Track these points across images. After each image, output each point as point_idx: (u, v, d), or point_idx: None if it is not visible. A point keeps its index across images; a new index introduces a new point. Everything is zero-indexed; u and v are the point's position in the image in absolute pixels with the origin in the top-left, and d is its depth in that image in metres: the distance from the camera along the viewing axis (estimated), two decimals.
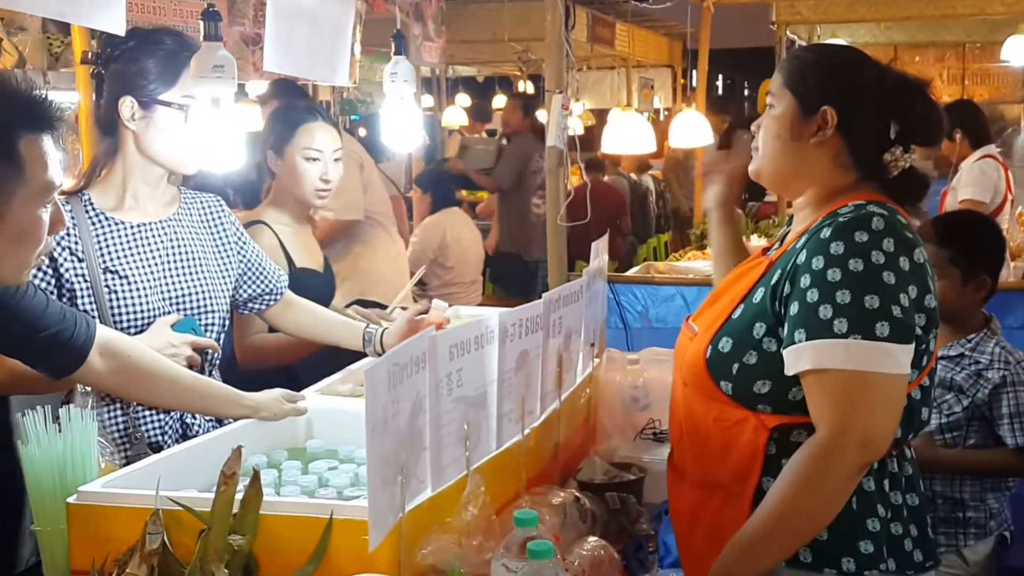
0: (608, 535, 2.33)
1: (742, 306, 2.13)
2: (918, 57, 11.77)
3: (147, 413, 2.48)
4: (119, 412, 2.44)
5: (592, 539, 2.21)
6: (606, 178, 9.19)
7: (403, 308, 3.16)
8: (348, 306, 3.24)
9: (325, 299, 3.27)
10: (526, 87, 15.56)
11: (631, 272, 5.49)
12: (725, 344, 2.10)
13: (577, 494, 2.33)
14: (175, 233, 2.60)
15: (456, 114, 12.03)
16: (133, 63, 2.47)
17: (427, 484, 1.87)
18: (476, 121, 11.73)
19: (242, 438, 2.28)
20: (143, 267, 2.51)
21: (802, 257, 2.02)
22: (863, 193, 2.11)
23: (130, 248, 2.51)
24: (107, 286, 2.44)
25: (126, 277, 2.47)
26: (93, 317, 2.29)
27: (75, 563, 1.88)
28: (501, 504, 2.14)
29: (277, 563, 1.77)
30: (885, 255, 1.96)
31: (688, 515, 2.21)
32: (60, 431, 1.97)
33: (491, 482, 2.03)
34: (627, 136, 5.13)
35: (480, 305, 6.72)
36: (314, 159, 3.20)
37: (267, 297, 2.84)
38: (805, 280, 1.99)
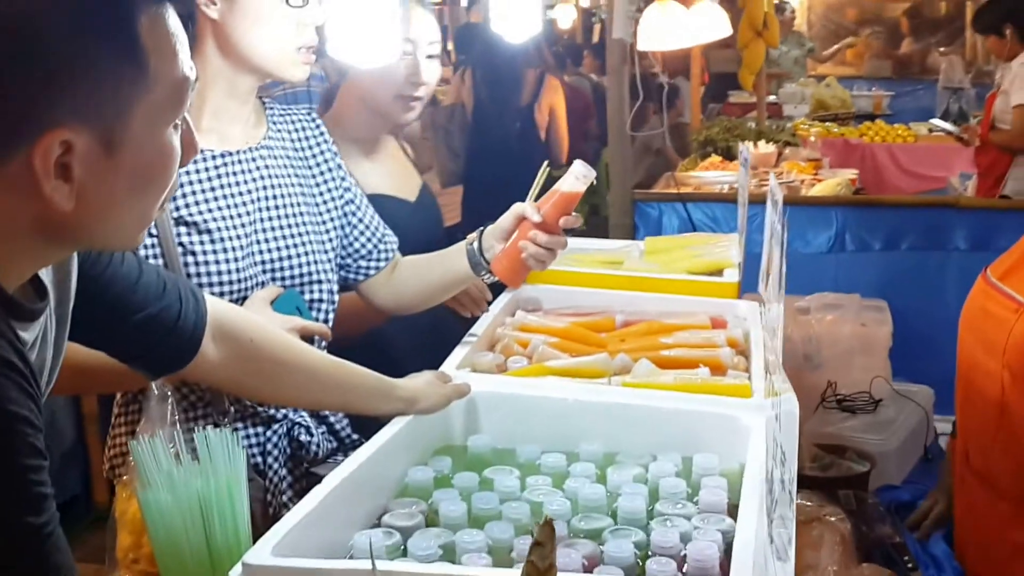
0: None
1: None
2: None
3: (241, 424, 1.81)
4: (207, 425, 1.72)
5: (867, 567, 1.67)
6: (567, 79, 8.49)
7: None
8: None
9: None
10: None
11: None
12: None
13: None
14: (266, 168, 1.86)
15: None
16: None
17: None
18: None
19: (396, 446, 1.67)
20: (230, 216, 1.79)
21: None
22: None
23: (212, 188, 1.78)
24: (181, 244, 1.72)
25: (208, 231, 1.75)
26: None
27: None
28: None
29: None
30: None
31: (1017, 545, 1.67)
32: (197, 462, 1.32)
33: None
34: (665, 31, 4.47)
35: None
36: (405, 52, 2.33)
37: (367, 264, 2.06)
38: None
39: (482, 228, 2.03)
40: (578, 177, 1.94)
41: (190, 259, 1.72)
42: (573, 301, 2.41)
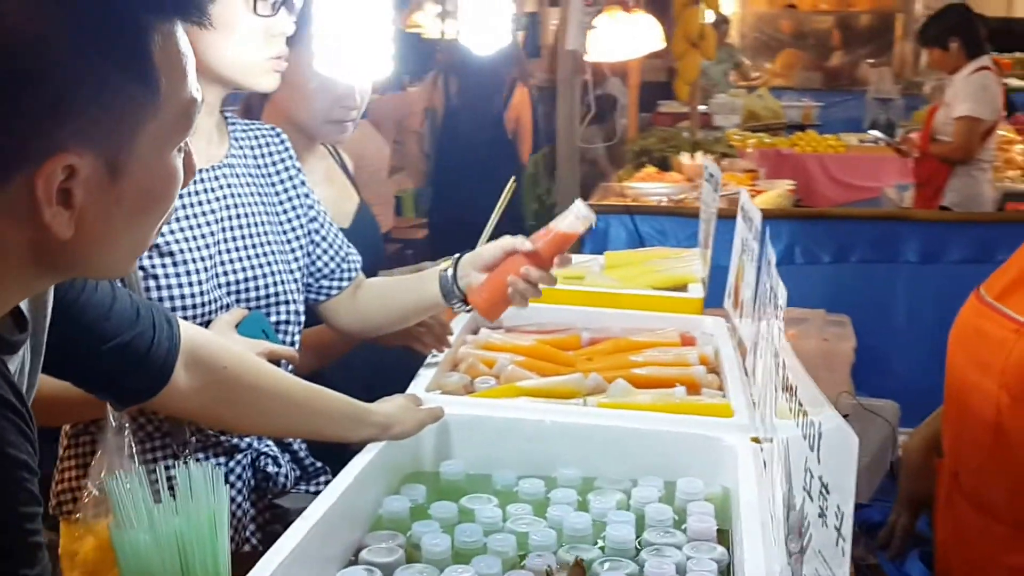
0: None
1: None
2: None
3: (202, 455, 1.71)
4: (167, 457, 1.65)
5: None
6: None
7: None
8: None
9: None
10: None
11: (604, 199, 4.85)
12: None
13: None
14: (229, 188, 1.76)
15: None
16: None
17: None
18: None
19: (366, 474, 1.60)
20: (192, 238, 1.68)
21: None
22: None
23: (176, 209, 1.64)
24: (142, 267, 1.62)
25: (171, 253, 1.64)
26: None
27: None
28: None
29: None
30: None
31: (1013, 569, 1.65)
32: (175, 499, 1.24)
33: None
34: (613, 42, 4.45)
35: None
36: None
37: (329, 283, 1.95)
38: None
39: (458, 256, 1.95)
40: (578, 217, 1.85)
41: (152, 283, 1.62)
42: (536, 318, 2.35)
